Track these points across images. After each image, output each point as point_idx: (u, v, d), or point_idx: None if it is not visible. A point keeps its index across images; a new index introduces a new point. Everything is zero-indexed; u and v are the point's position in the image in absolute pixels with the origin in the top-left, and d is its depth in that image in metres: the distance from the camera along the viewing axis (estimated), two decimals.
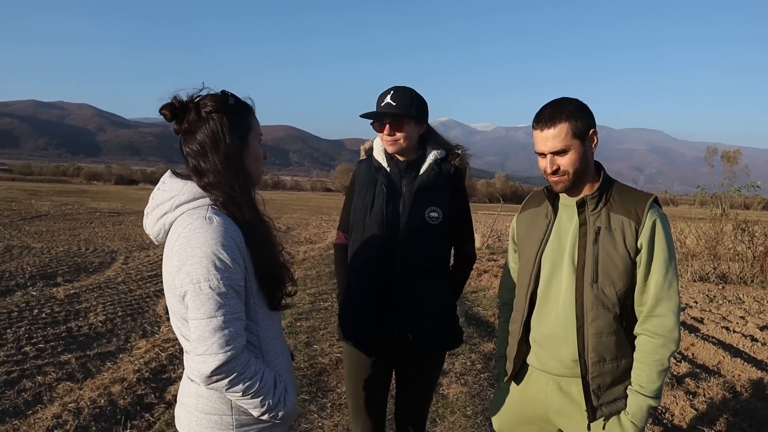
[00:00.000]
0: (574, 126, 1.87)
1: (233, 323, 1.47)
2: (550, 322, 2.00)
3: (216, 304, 1.45)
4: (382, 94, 2.39)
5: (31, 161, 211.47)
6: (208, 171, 1.58)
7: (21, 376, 4.72)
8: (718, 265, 11.25)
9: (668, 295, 1.85)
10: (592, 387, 1.90)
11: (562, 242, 1.99)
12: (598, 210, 1.92)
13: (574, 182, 1.93)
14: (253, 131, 1.68)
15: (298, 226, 23.53)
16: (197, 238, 1.47)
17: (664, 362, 1.85)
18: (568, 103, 1.91)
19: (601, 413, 1.91)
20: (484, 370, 5.22)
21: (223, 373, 1.45)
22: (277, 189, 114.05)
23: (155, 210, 1.62)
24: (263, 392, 1.53)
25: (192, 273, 1.45)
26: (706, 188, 13.47)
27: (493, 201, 69.87)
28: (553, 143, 1.88)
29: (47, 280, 8.89)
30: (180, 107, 1.60)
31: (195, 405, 1.61)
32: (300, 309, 7.53)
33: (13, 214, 21.13)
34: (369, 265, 2.40)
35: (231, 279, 1.48)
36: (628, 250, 1.86)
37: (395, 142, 2.36)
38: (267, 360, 1.64)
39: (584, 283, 1.90)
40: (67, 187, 60.31)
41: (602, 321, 1.88)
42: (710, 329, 7.02)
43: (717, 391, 4.70)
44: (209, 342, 1.44)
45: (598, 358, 1.89)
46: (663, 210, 1.96)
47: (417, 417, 2.62)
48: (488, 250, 15.15)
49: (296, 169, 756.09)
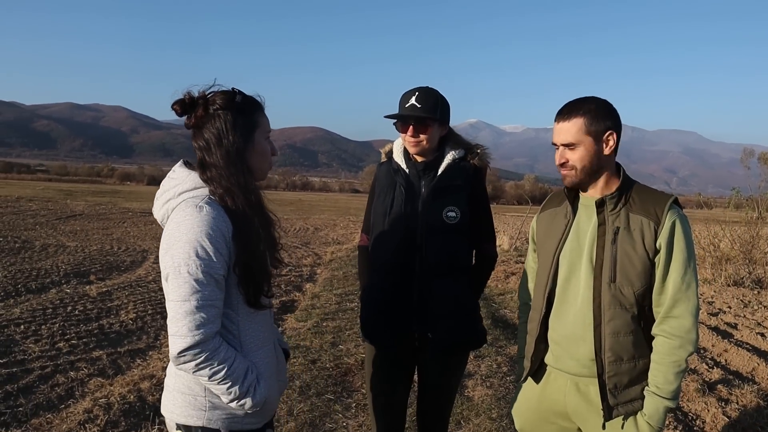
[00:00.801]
0: (589, 123, 1.89)
1: (206, 309, 1.53)
2: (568, 322, 2.00)
3: (191, 289, 1.51)
4: (406, 94, 2.39)
5: (67, 162, 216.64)
6: (211, 165, 1.65)
7: (54, 371, 4.84)
8: (754, 270, 10.95)
9: (686, 296, 1.84)
10: (608, 386, 1.90)
11: (580, 241, 1.99)
12: (617, 210, 1.92)
13: (582, 179, 1.95)
14: (260, 128, 1.73)
15: (325, 227, 23.67)
16: (185, 225, 1.54)
17: (681, 363, 1.84)
18: (592, 101, 1.92)
19: (617, 413, 1.90)
20: (509, 373, 5.17)
21: (190, 354, 1.52)
22: (305, 190, 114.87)
23: (162, 196, 1.70)
24: (231, 379, 1.57)
25: (175, 257, 1.53)
26: (741, 191, 13.14)
27: (522, 203, 69.25)
28: (564, 136, 1.92)
29: (81, 278, 9.11)
30: (190, 103, 1.67)
31: (173, 384, 1.68)
32: (327, 309, 7.57)
33: (49, 213, 21.71)
34: (389, 265, 2.42)
35: (211, 267, 1.53)
36: (646, 251, 1.85)
37: (418, 143, 2.37)
38: (245, 350, 1.68)
39: (602, 283, 1.90)
40: (101, 188, 61.72)
41: (619, 320, 1.88)
42: (744, 335, 6.84)
43: (750, 399, 4.58)
44: (180, 324, 1.51)
45: (615, 357, 1.88)
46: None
47: (439, 417, 2.61)
48: (516, 252, 15.01)
49: (324, 170, 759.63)
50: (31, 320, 6.31)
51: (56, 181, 79.72)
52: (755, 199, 13.05)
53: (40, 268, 9.67)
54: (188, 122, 1.69)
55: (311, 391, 4.53)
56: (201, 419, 1.63)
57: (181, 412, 1.65)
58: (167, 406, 1.69)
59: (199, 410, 1.63)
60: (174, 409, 1.66)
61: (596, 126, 1.89)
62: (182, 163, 1.74)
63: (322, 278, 10.37)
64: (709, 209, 18.53)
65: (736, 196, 13.01)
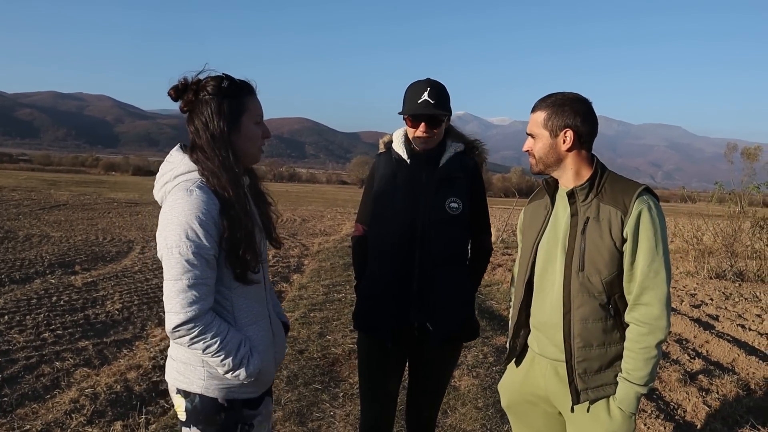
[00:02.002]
0: (547, 118, 1.99)
1: (198, 288, 1.64)
2: (545, 309, 2.07)
3: (183, 269, 1.62)
4: (417, 88, 2.37)
5: (50, 151, 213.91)
6: (198, 147, 1.76)
7: (40, 361, 4.82)
8: (735, 263, 11.12)
9: (654, 283, 1.87)
10: (578, 371, 1.96)
11: (557, 232, 2.05)
12: (589, 201, 1.97)
13: (542, 168, 2.06)
14: (248, 113, 1.80)
15: (313, 218, 23.62)
16: (176, 208, 1.65)
17: (651, 350, 1.88)
18: (561, 96, 2.00)
19: (585, 397, 1.96)
20: (496, 363, 5.23)
21: (184, 329, 1.64)
22: (292, 181, 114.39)
23: (160, 179, 1.80)
24: (224, 352, 1.69)
25: (168, 239, 1.64)
26: (724, 185, 13.30)
27: (509, 195, 69.58)
28: (530, 126, 2.06)
29: (65, 268, 9.04)
30: (182, 88, 1.77)
31: (177, 355, 1.80)
32: (314, 300, 7.58)
33: (32, 203, 21.45)
34: (390, 255, 2.42)
35: (201, 248, 1.63)
36: (613, 240, 1.90)
37: (429, 139, 2.39)
38: (239, 325, 1.79)
39: (572, 272, 1.96)
40: (85, 178, 61.03)
41: (587, 307, 1.94)
42: (726, 326, 6.96)
43: (731, 389, 4.67)
44: (174, 301, 1.63)
45: (584, 343, 1.94)
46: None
47: (431, 407, 2.64)
48: (503, 244, 15.11)
49: (312, 161, 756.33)
50: (15, 310, 6.26)
51: (39, 170, 78.66)
52: (738, 193, 13.23)
53: (24, 258, 9.58)
54: (182, 106, 1.78)
55: (299, 381, 4.56)
56: (200, 387, 1.76)
57: (183, 379, 1.77)
58: (170, 373, 1.82)
59: (198, 379, 1.76)
60: (177, 376, 1.79)
61: (553, 122, 1.98)
62: (179, 147, 1.83)
63: (309, 269, 10.37)
64: (693, 203, 18.76)
65: (719, 191, 13.17)
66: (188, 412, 1.78)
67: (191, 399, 1.77)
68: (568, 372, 1.97)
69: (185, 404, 1.78)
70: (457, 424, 3.96)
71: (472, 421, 4.00)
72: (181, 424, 1.82)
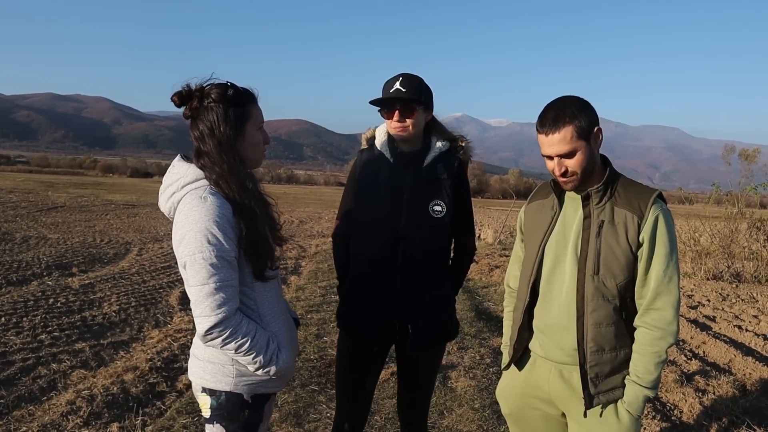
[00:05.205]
0: (578, 127, 1.87)
1: (224, 290, 1.68)
2: (552, 312, 2.03)
3: (208, 273, 1.66)
4: (390, 80, 2.36)
5: (48, 153, 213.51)
6: (205, 153, 1.78)
7: (36, 363, 4.81)
8: (732, 264, 11.14)
9: (668, 289, 1.88)
10: (590, 375, 1.94)
11: (566, 234, 2.02)
12: (603, 203, 1.94)
13: (584, 180, 1.95)
14: (252, 120, 1.84)
15: (310, 219, 23.63)
16: (193, 216, 1.68)
17: (661, 354, 1.89)
18: (570, 103, 1.90)
19: (598, 401, 1.95)
20: (492, 364, 5.23)
21: (216, 332, 1.68)
22: (290, 183, 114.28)
23: (166, 190, 1.82)
24: (255, 350, 1.75)
25: (189, 246, 1.67)
26: (721, 186, 13.32)
27: (507, 197, 69.58)
28: (559, 147, 1.89)
29: (63, 270, 9.03)
30: (186, 95, 1.79)
31: (203, 355, 1.84)
32: (311, 302, 7.59)
33: (30, 205, 21.42)
34: (372, 257, 2.40)
35: (222, 251, 1.67)
36: (630, 244, 1.88)
37: (404, 128, 2.33)
38: (264, 323, 1.85)
39: (585, 275, 1.93)
40: (83, 180, 60.95)
41: (602, 312, 1.92)
42: (722, 327, 6.97)
43: (727, 389, 4.68)
44: (203, 305, 1.67)
45: (597, 347, 1.93)
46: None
47: (419, 407, 2.64)
48: (500, 245, 15.11)
49: (310, 163, 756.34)
50: (12, 312, 6.25)
51: (37, 172, 78.54)
52: (735, 194, 13.24)
53: (21, 260, 9.56)
54: (185, 113, 1.80)
55: (295, 383, 4.55)
56: (229, 385, 1.80)
57: (210, 378, 1.82)
58: (197, 372, 1.85)
59: (227, 377, 1.80)
60: (204, 375, 1.83)
61: (585, 127, 1.88)
62: (180, 157, 1.86)
63: (306, 271, 10.37)
64: (690, 204, 18.78)
65: (716, 192, 13.19)
66: (213, 409, 1.82)
67: (217, 396, 1.82)
68: (582, 377, 1.95)
69: (210, 401, 1.82)
70: (454, 425, 3.96)
71: (469, 422, 4.00)
72: (204, 421, 1.87)
